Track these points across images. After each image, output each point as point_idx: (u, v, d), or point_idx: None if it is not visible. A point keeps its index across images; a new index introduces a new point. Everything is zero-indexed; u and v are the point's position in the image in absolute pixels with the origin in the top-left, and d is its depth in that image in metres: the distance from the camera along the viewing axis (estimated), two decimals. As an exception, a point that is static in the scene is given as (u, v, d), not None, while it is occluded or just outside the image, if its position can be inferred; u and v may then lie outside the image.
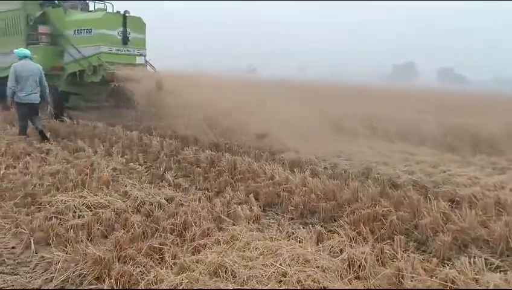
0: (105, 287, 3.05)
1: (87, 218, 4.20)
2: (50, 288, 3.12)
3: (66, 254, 3.44)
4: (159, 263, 3.38)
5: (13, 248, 3.84)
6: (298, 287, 2.98)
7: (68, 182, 5.35)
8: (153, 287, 3.00)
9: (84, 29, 12.04)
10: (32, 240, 3.82)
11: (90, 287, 3.12)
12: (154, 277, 3.06)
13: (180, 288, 2.92)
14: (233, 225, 4.44)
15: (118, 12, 12.38)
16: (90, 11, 13.48)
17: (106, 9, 12.82)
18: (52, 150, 7.11)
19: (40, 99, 8.71)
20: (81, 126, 9.90)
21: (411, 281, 3.11)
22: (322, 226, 4.60)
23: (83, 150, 7.59)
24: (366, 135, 9.66)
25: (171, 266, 3.29)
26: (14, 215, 4.23)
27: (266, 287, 2.95)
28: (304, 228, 4.42)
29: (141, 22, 12.76)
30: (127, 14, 12.10)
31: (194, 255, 3.48)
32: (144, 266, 3.24)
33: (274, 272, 3.11)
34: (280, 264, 3.21)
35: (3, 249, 3.80)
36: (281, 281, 3.06)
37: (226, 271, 3.13)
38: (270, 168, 6.42)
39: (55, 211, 4.38)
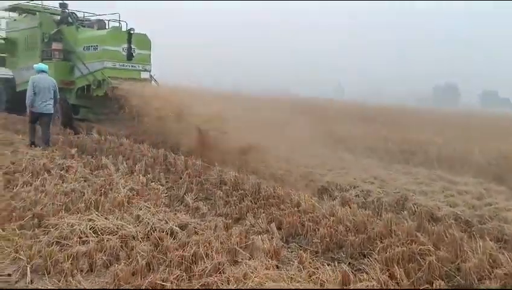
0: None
1: (91, 245, 3.87)
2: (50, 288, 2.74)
3: (59, 288, 3.10)
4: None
5: (9, 275, 3.54)
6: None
7: (80, 203, 5.07)
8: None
9: (91, 46, 12.61)
10: (28, 268, 3.51)
11: None
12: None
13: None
14: (250, 258, 4.01)
15: (130, 29, 12.73)
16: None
17: (120, 28, 13.21)
18: (73, 167, 6.92)
19: (53, 109, 9.23)
20: (108, 142, 9.74)
21: None
22: (349, 264, 4.11)
23: (105, 167, 7.38)
24: (402, 160, 9.02)
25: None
26: (16, 239, 3.95)
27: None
28: (328, 265, 3.93)
29: (147, 39, 13.09)
30: (132, 32, 12.47)
31: (198, 295, 3.07)
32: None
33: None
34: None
35: (-1, 276, 3.51)
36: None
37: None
38: (296, 194, 5.96)
39: (59, 236, 4.08)
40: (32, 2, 14.80)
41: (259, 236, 4.49)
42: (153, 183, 6.79)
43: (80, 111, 13.26)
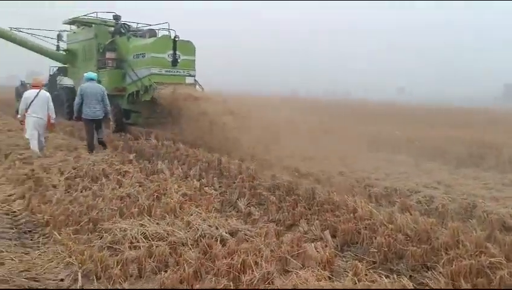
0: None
1: (142, 251, 3.85)
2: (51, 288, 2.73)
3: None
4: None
5: (62, 280, 3.60)
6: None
7: (134, 208, 5.12)
8: None
9: (140, 54, 13.36)
10: (80, 273, 3.55)
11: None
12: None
13: None
14: (301, 268, 3.82)
15: (176, 36, 13.38)
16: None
17: (170, 36, 13.72)
18: (130, 172, 7.08)
19: (103, 115, 9.59)
20: (165, 147, 9.93)
21: None
22: (410, 277, 3.79)
23: (161, 172, 7.48)
24: (471, 163, 8.37)
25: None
26: (69, 244, 4.03)
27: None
28: (386, 277, 3.65)
29: (191, 45, 13.65)
30: (176, 39, 13.14)
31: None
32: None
33: None
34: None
35: (52, 281, 3.58)
36: None
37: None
38: (352, 199, 5.67)
39: (111, 241, 4.12)
40: (88, 15, 15.79)
41: (312, 244, 4.30)
42: (207, 187, 6.78)
43: (131, 116, 14.00)
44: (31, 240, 4.55)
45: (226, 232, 4.48)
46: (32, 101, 8.94)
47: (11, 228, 4.78)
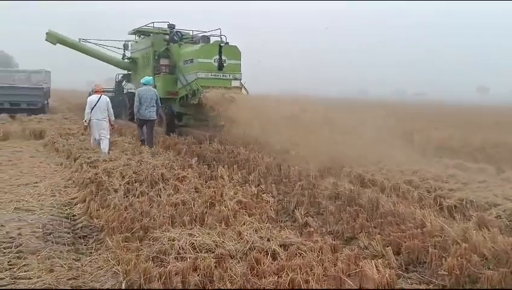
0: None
1: (187, 263, 3.69)
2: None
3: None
4: None
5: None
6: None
7: (186, 216, 5.01)
8: None
9: (189, 60, 14.06)
10: (123, 285, 3.45)
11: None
12: None
13: None
14: (358, 289, 3.45)
15: (220, 42, 14.02)
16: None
17: (222, 42, 14.22)
18: (188, 177, 7.03)
19: (155, 116, 10.61)
20: (227, 151, 9.86)
21: None
22: (486, 307, 3.29)
23: (219, 177, 7.37)
24: None
25: None
26: (118, 252, 3.97)
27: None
28: (457, 306, 3.18)
29: (237, 50, 14.10)
30: (222, 44, 13.77)
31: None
32: None
33: None
34: None
35: None
36: None
37: None
38: (420, 212, 5.14)
39: (159, 250, 4.01)
40: (148, 25, 16.96)
41: (372, 261, 3.89)
42: (264, 194, 6.55)
43: (183, 118, 14.88)
44: (85, 245, 4.58)
45: (278, 245, 4.19)
46: (94, 106, 9.73)
47: (68, 233, 4.87)
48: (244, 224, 4.81)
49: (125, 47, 18.52)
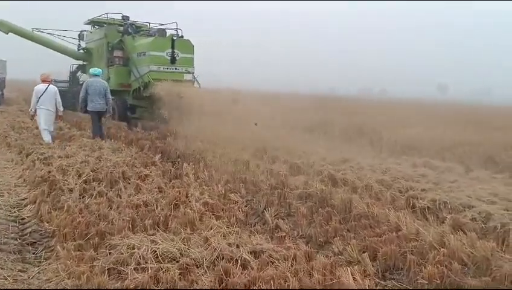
0: None
1: (147, 275, 3.32)
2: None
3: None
4: None
5: (55, 307, 3.11)
6: None
7: (148, 219, 4.62)
8: None
9: (142, 52, 14.16)
10: (74, 302, 3.05)
11: None
12: None
13: None
14: (335, 301, 3.19)
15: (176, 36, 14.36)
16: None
17: (179, 35, 14.59)
18: (151, 175, 6.60)
19: (105, 108, 10.32)
20: (193, 147, 9.44)
21: None
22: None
23: (184, 176, 6.98)
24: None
25: None
26: (69, 263, 3.54)
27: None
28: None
29: (190, 43, 14.36)
30: (174, 38, 14.04)
31: None
32: None
33: None
34: None
35: (44, 308, 3.09)
36: None
37: None
38: (395, 215, 4.96)
39: (116, 261, 3.60)
40: (102, 16, 16.70)
41: (348, 269, 3.65)
42: (232, 194, 6.22)
43: (137, 111, 14.86)
44: (34, 253, 4.11)
45: (248, 253, 3.88)
46: (41, 95, 9.61)
47: (15, 239, 4.38)
48: (211, 228, 4.47)
49: (81, 37, 18.22)
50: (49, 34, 18.33)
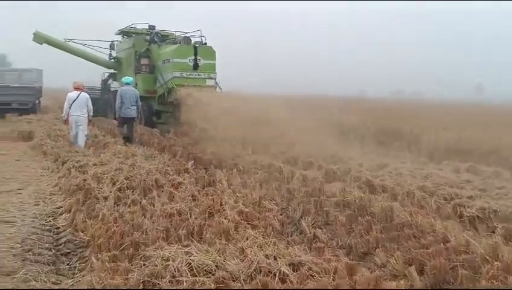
0: None
1: (183, 288, 3.18)
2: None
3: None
4: None
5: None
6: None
7: (182, 229, 4.50)
8: None
9: (166, 60, 14.84)
10: (108, 317, 2.94)
11: None
12: None
13: None
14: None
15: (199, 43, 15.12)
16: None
17: (202, 42, 15.33)
18: (184, 183, 6.51)
19: (136, 114, 10.87)
20: (224, 153, 9.35)
21: None
22: None
23: (218, 183, 6.87)
24: None
25: None
26: (103, 276, 3.45)
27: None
28: None
29: (212, 50, 14.97)
30: (196, 45, 14.70)
31: None
32: None
33: None
34: None
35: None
36: None
37: None
38: (441, 224, 4.66)
39: (150, 273, 3.48)
40: (131, 26, 17.65)
41: (394, 283, 3.41)
42: (266, 202, 6.06)
43: (162, 116, 15.45)
44: (68, 265, 4.06)
45: (287, 265, 3.68)
46: (73, 102, 10.05)
47: (49, 249, 4.34)
48: (247, 239, 4.30)
49: (112, 47, 19.17)
50: (81, 44, 19.14)
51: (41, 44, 18.64)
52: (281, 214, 5.58)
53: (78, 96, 10.14)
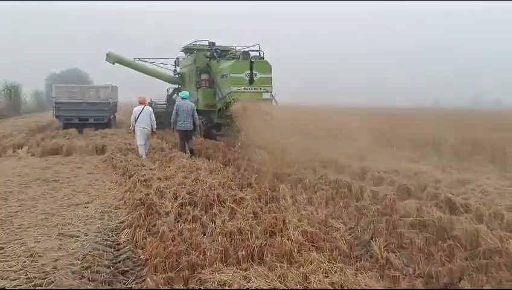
0: None
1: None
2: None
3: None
4: None
5: None
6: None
7: (242, 250, 4.23)
8: None
9: (224, 74, 15.36)
10: None
11: None
12: None
13: None
14: None
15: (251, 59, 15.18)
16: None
17: (260, 57, 15.71)
18: (246, 199, 6.27)
19: (192, 127, 11.24)
20: (289, 167, 9.02)
21: None
22: None
23: (282, 199, 6.57)
24: None
25: None
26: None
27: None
28: None
29: (267, 64, 15.33)
30: (252, 60, 14.92)
31: None
32: None
33: None
34: None
35: None
36: None
37: None
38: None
39: (205, 299, 3.24)
40: (192, 43, 18.46)
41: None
42: (332, 220, 5.66)
43: (222, 128, 16.02)
44: (124, 284, 3.93)
45: (357, 297, 3.27)
46: (138, 115, 10.95)
47: (108, 266, 4.25)
48: (310, 263, 3.94)
49: (176, 63, 20.15)
50: (148, 62, 20.48)
51: (113, 64, 20.16)
52: (349, 235, 5.14)
53: (142, 110, 10.99)
